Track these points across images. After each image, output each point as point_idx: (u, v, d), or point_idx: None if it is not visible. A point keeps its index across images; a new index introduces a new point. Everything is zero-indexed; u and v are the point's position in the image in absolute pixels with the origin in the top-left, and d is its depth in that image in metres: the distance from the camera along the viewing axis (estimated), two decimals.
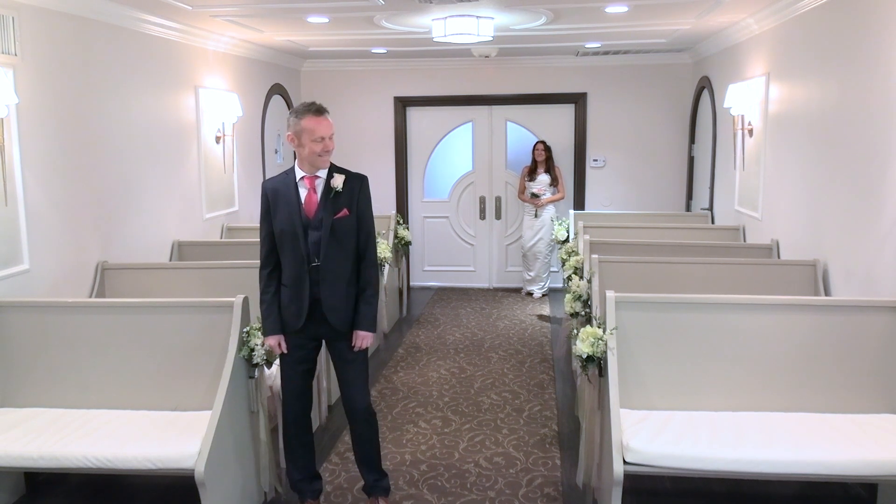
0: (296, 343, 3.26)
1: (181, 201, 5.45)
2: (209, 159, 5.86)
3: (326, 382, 4.57)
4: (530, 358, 5.81)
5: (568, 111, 7.99)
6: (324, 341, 3.39)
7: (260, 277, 3.27)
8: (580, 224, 5.70)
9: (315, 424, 4.25)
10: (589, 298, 4.24)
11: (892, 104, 3.45)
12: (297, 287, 3.18)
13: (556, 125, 8.00)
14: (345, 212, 3.18)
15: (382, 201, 7.93)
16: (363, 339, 3.25)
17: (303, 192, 3.18)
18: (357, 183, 3.22)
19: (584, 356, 3.26)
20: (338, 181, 3.18)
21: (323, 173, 3.20)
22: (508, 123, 8.13)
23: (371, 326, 3.26)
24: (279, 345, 3.26)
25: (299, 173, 3.20)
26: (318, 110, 3.14)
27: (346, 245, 3.19)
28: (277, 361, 3.46)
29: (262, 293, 3.25)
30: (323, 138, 3.11)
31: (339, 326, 3.22)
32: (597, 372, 3.35)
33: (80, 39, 4.28)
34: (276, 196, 3.20)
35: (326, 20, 5.36)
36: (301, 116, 3.12)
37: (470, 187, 8.31)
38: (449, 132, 8.22)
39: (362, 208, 3.24)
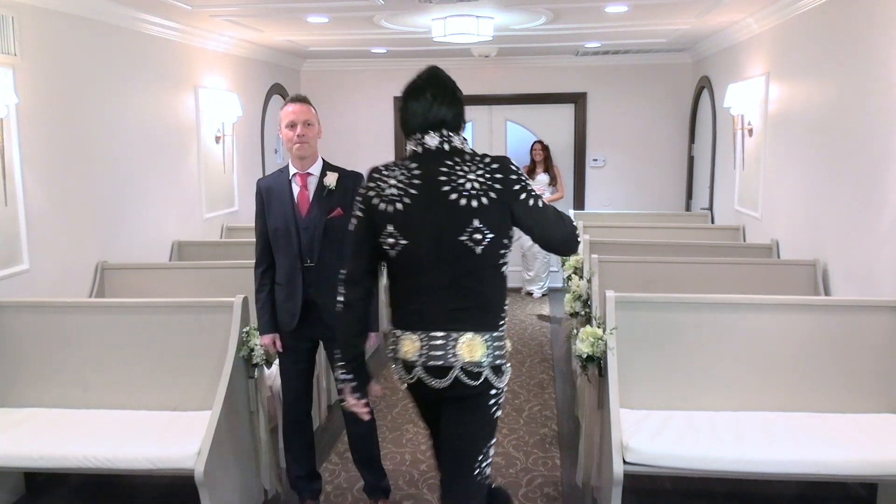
0: (291, 343, 3.26)
1: (181, 201, 5.45)
2: (209, 159, 5.86)
3: (326, 382, 4.57)
4: (530, 358, 5.81)
5: (568, 111, 7.98)
6: (322, 342, 3.38)
7: (254, 276, 3.27)
8: (580, 224, 5.69)
9: (315, 424, 4.25)
10: (589, 298, 4.24)
11: (892, 104, 3.45)
12: (291, 287, 3.17)
13: (555, 125, 8.00)
14: (339, 211, 3.14)
15: None
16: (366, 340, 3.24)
17: (296, 190, 3.17)
18: (351, 181, 3.18)
19: (584, 356, 3.26)
20: (330, 179, 3.15)
21: (316, 171, 3.18)
22: (508, 123, 8.12)
23: (373, 326, 3.24)
24: (274, 343, 3.25)
25: (292, 170, 3.19)
26: (293, 98, 3.16)
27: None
28: (277, 361, 3.46)
29: (257, 292, 3.26)
30: (294, 124, 3.09)
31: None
32: (597, 372, 3.35)
33: (80, 39, 4.28)
34: (270, 193, 3.19)
35: (326, 20, 5.36)
36: (282, 107, 3.16)
37: None
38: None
39: None
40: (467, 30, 5.25)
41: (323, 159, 3.22)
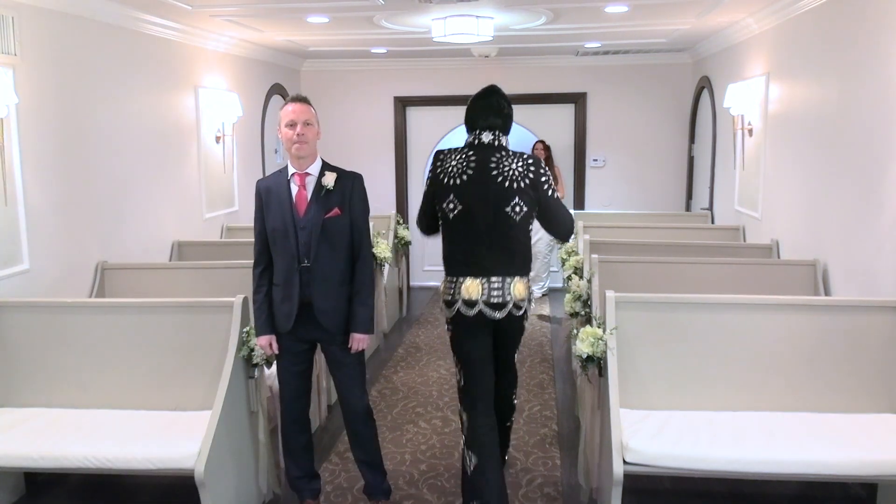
0: (288, 345, 3.24)
1: (181, 201, 5.45)
2: (209, 159, 5.86)
3: (326, 382, 4.57)
4: (530, 358, 5.81)
5: (568, 111, 7.99)
6: (318, 344, 3.36)
7: (252, 276, 3.25)
8: (580, 224, 5.70)
9: (315, 424, 4.25)
10: (589, 298, 4.24)
11: (892, 104, 3.45)
12: (288, 288, 3.15)
13: (556, 125, 8.00)
14: (336, 211, 3.13)
15: (382, 201, 7.93)
16: (359, 342, 3.21)
17: (294, 190, 3.16)
18: (349, 181, 3.18)
19: (584, 356, 3.25)
20: (329, 179, 3.14)
21: (314, 171, 3.16)
22: None
23: (367, 328, 3.22)
24: (270, 345, 3.24)
25: (290, 170, 3.18)
26: (293, 98, 3.15)
27: (339, 245, 3.15)
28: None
29: (254, 293, 3.24)
30: (294, 123, 3.07)
31: (331, 329, 3.18)
32: (597, 372, 3.35)
33: (80, 39, 4.28)
34: (269, 194, 3.18)
35: (326, 20, 5.36)
36: (282, 107, 3.15)
37: None
38: (449, 132, 8.22)
39: (355, 207, 3.18)
40: (467, 30, 5.25)
41: (322, 159, 3.21)
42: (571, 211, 7.04)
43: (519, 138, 8.10)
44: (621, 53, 7.46)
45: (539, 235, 7.69)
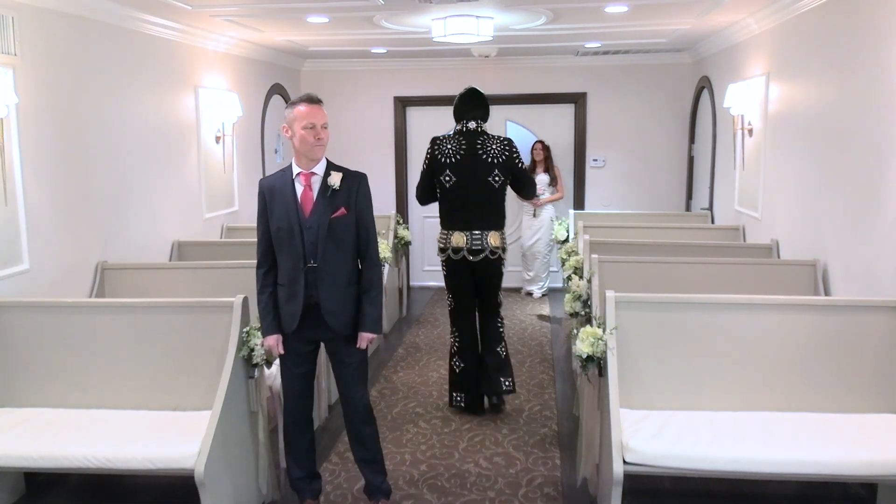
0: (293, 346, 3.24)
1: (181, 201, 5.45)
2: (209, 159, 5.86)
3: (326, 382, 4.57)
4: (530, 358, 5.81)
5: (568, 111, 7.99)
6: (322, 343, 3.36)
7: (256, 277, 3.25)
8: (580, 224, 5.70)
9: (315, 424, 4.25)
10: (589, 298, 4.24)
11: (892, 104, 3.45)
12: (293, 288, 3.15)
13: (555, 125, 8.00)
14: (342, 211, 3.13)
15: (382, 201, 7.92)
16: (367, 340, 3.23)
17: (299, 190, 3.15)
18: (355, 181, 3.18)
19: (584, 356, 3.26)
20: (335, 179, 3.13)
21: (320, 170, 3.16)
22: (508, 123, 8.12)
23: (376, 327, 3.22)
24: (277, 345, 3.23)
25: (296, 169, 3.16)
26: (310, 99, 3.13)
27: (345, 245, 3.15)
28: (277, 362, 3.46)
29: (259, 293, 3.23)
30: (314, 125, 3.07)
31: (338, 329, 3.18)
32: (596, 372, 3.35)
33: (80, 39, 4.28)
34: (273, 194, 3.17)
35: (326, 20, 5.36)
36: (294, 105, 3.12)
37: None
38: (449, 132, 8.21)
39: (361, 207, 3.18)
40: (467, 30, 5.25)
41: (326, 159, 3.21)
42: (571, 212, 7.15)
43: (519, 138, 8.09)
44: (621, 53, 7.46)
45: (539, 236, 7.70)
